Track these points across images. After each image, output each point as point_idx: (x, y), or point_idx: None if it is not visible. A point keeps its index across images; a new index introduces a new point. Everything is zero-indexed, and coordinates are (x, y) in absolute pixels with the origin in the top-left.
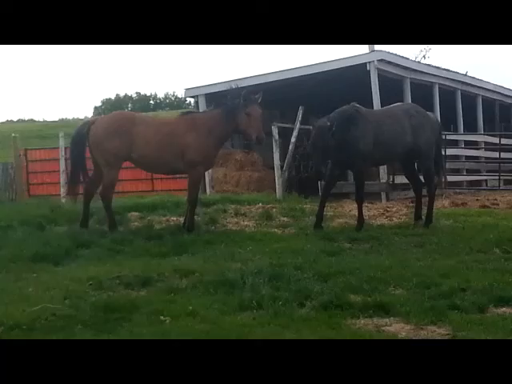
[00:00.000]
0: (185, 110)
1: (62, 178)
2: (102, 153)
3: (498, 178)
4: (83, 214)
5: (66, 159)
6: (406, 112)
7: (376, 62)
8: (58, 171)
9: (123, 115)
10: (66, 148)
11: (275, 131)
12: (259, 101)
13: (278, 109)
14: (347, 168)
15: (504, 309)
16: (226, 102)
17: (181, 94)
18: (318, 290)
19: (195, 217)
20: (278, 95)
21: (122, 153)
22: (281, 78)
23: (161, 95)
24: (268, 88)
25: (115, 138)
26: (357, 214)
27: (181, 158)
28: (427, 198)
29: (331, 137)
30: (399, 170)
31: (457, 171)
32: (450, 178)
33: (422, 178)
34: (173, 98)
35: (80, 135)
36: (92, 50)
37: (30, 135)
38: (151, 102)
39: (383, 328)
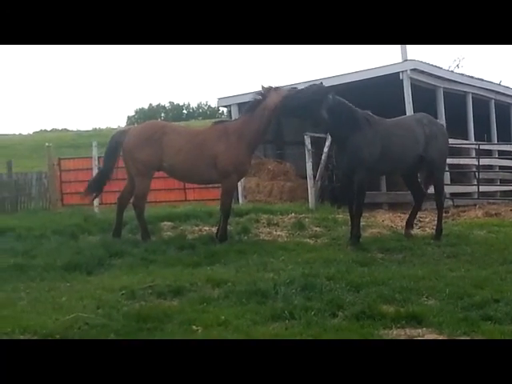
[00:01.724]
0: (217, 120)
1: None
2: (133, 162)
3: None
4: (116, 223)
5: (99, 168)
6: (419, 121)
7: (409, 72)
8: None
9: (154, 124)
10: (99, 157)
11: (308, 141)
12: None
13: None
14: (351, 177)
15: None
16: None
17: (214, 103)
18: (351, 301)
19: (228, 226)
20: None
21: (154, 162)
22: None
23: (194, 105)
24: None
25: (146, 147)
26: (390, 223)
27: (213, 167)
28: (437, 210)
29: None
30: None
31: (491, 181)
32: (484, 188)
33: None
34: (206, 108)
35: (117, 144)
36: (126, 60)
37: (64, 144)
38: (184, 111)
39: (416, 339)
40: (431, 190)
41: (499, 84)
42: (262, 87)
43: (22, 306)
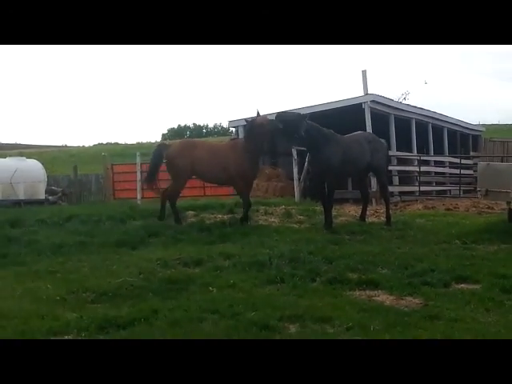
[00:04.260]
0: (232, 137)
1: (139, 186)
2: (172, 168)
3: (458, 188)
4: (160, 211)
5: (141, 172)
6: (366, 138)
7: (369, 102)
8: (136, 180)
9: (188, 142)
10: (141, 164)
11: (294, 152)
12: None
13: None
14: (322, 179)
15: (462, 285)
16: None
17: (225, 124)
18: (325, 270)
19: (235, 215)
20: None
21: (186, 168)
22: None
23: (211, 125)
24: None
25: (181, 158)
26: (355, 213)
27: (224, 172)
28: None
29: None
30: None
31: (428, 183)
32: (423, 188)
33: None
34: (220, 128)
35: (161, 152)
36: (162, 88)
37: (115, 154)
38: (204, 130)
39: (373, 298)
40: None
41: (435, 112)
42: (258, 114)
43: (84, 272)
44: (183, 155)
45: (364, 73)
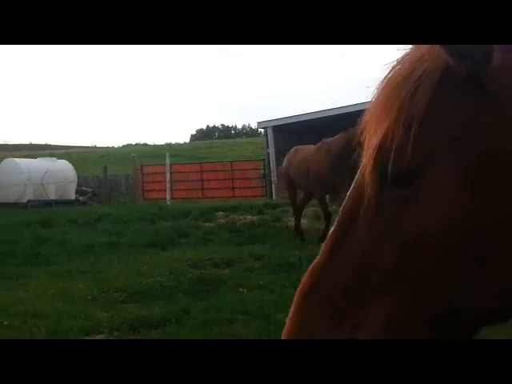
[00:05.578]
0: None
1: (167, 186)
2: None
3: None
4: (296, 223)
5: (170, 173)
6: None
7: None
8: (165, 181)
9: (293, 149)
10: (170, 165)
11: None
12: None
13: (317, 137)
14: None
15: None
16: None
17: (254, 125)
18: None
19: (264, 216)
20: (318, 128)
21: (283, 177)
22: (320, 116)
23: (239, 126)
24: (312, 124)
25: (284, 166)
26: None
27: (308, 177)
28: None
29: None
30: None
31: None
32: None
33: None
34: (248, 129)
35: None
36: (189, 90)
37: (144, 155)
38: (232, 131)
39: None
40: None
41: None
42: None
43: (115, 272)
44: (285, 163)
45: None
